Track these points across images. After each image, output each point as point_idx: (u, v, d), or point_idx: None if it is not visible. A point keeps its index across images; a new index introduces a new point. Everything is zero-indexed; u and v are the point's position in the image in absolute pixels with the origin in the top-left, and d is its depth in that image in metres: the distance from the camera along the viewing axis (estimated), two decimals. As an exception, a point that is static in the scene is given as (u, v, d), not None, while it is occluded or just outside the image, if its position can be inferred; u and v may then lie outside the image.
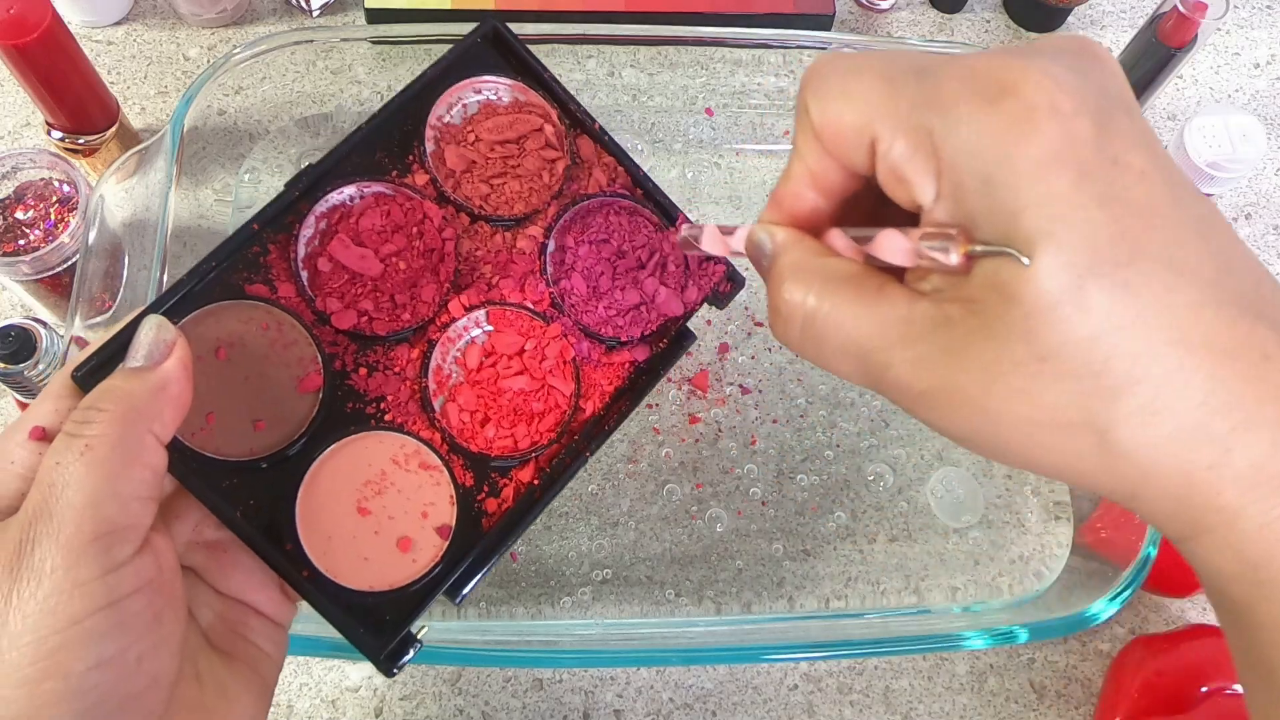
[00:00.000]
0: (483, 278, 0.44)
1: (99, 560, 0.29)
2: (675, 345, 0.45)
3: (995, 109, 0.24)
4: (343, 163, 0.42)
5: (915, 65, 0.26)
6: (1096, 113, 0.24)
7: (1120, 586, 0.50)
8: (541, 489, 0.42)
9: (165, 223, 0.54)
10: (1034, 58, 0.24)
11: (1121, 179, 0.23)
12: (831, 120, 0.28)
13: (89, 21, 0.71)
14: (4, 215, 0.57)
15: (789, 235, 0.30)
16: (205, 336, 0.38)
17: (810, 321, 0.28)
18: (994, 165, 0.23)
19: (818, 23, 0.72)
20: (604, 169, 0.46)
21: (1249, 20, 0.80)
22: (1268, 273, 0.25)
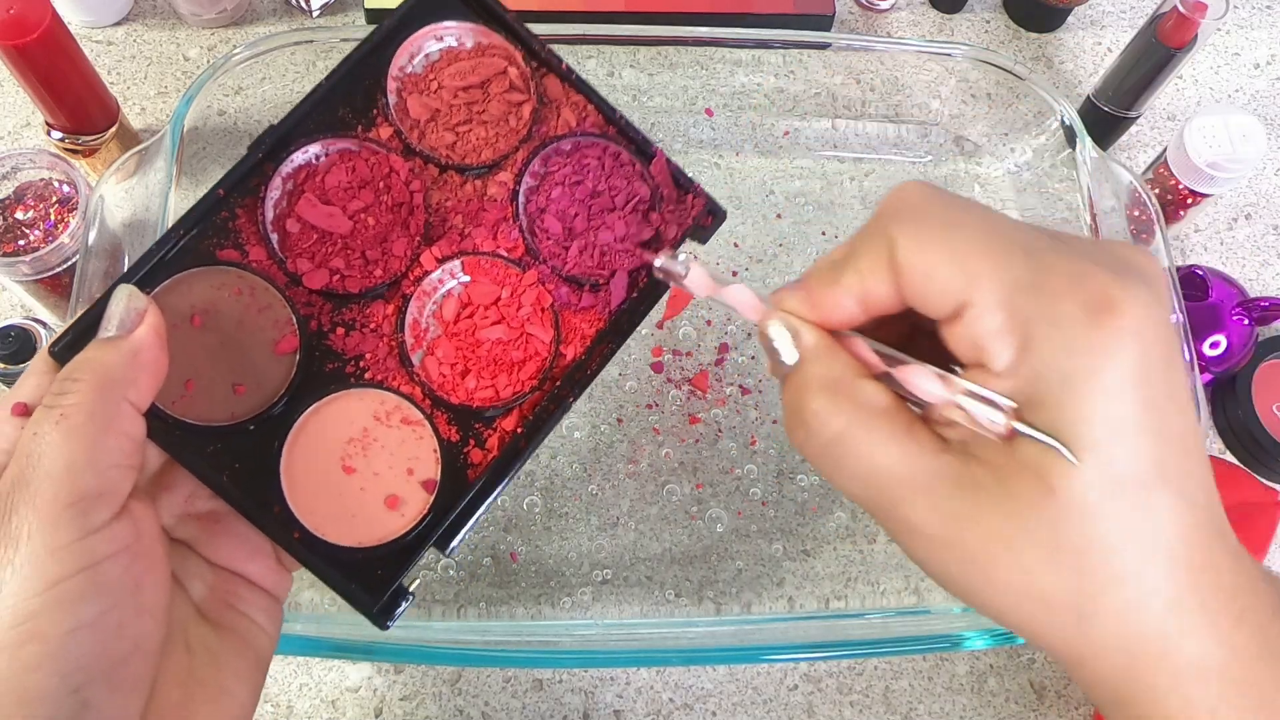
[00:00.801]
0: (454, 228, 0.43)
1: (75, 524, 0.29)
2: (655, 284, 0.44)
3: (1097, 323, 0.26)
4: (305, 121, 0.41)
5: (1022, 240, 0.27)
6: (1168, 345, 0.26)
7: (1120, 587, 0.50)
8: (526, 437, 0.41)
9: (165, 223, 0.54)
10: (1135, 278, 0.26)
11: (1170, 412, 0.26)
12: (922, 270, 0.28)
13: (89, 21, 0.71)
14: (4, 215, 0.57)
15: (820, 343, 0.30)
16: (179, 304, 0.38)
17: (836, 443, 0.29)
18: (1079, 371, 0.26)
19: (818, 23, 0.72)
20: (573, 108, 0.45)
21: (1249, 20, 0.80)
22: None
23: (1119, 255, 0.28)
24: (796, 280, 0.32)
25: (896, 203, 0.29)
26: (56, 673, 0.28)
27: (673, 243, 0.44)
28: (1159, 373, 0.26)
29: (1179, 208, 0.66)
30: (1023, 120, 0.67)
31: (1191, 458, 0.27)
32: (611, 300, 0.44)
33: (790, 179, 0.68)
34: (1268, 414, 0.64)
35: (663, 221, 0.44)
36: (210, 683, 0.34)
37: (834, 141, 0.69)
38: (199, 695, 0.33)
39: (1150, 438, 0.26)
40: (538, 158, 0.44)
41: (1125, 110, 0.69)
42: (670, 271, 0.36)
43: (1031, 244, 0.27)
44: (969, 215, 0.28)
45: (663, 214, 0.44)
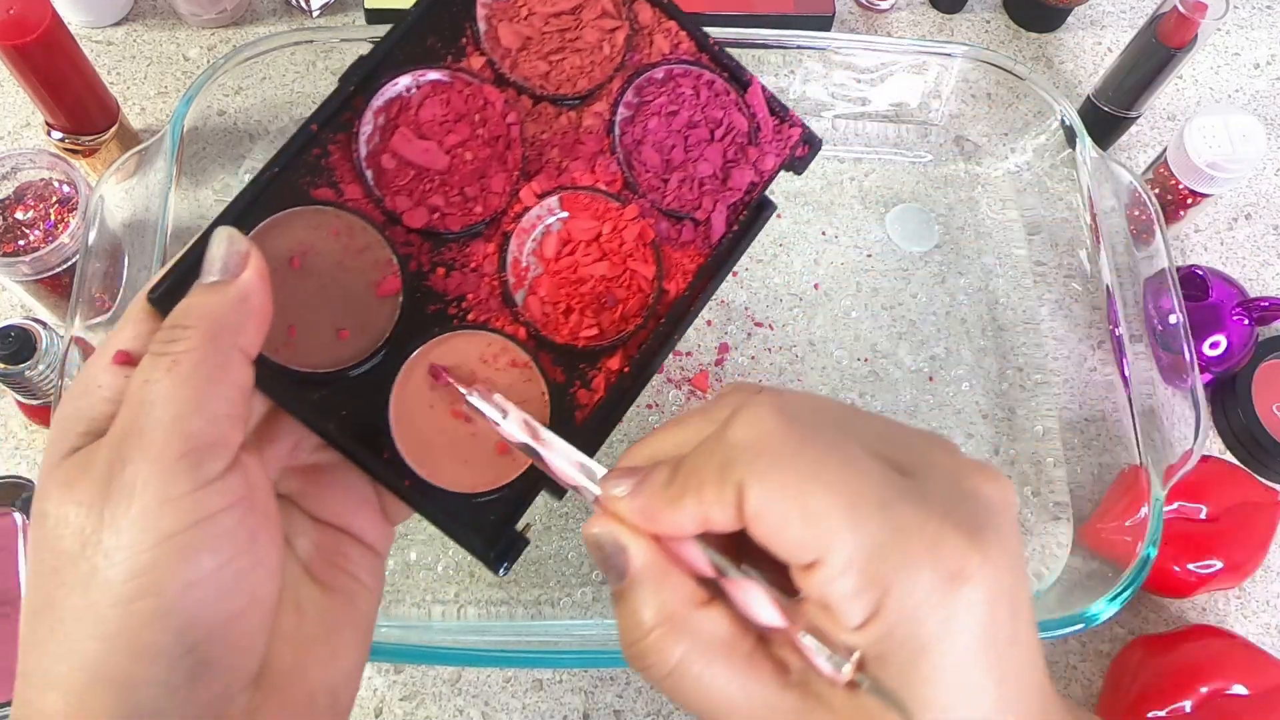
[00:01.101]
0: (551, 162, 0.42)
1: (189, 476, 0.28)
2: (755, 216, 0.43)
3: (950, 593, 0.26)
4: (393, 52, 0.40)
5: (877, 492, 0.27)
6: (1015, 600, 0.27)
7: (1120, 587, 0.50)
8: (632, 376, 0.40)
9: (165, 223, 0.54)
10: (990, 534, 0.27)
11: (1013, 655, 0.27)
12: (773, 524, 0.27)
13: (89, 21, 0.71)
14: (4, 215, 0.57)
15: (653, 566, 0.30)
16: (277, 247, 0.37)
17: (674, 676, 0.29)
18: (929, 637, 0.26)
19: (818, 23, 0.72)
20: (665, 34, 0.44)
21: (1249, 20, 0.80)
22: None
23: (975, 495, 0.28)
24: (634, 478, 0.31)
25: (749, 438, 0.28)
26: (172, 629, 0.28)
27: (770, 175, 0.44)
28: (1005, 628, 0.27)
29: (1179, 208, 0.66)
30: (1023, 120, 0.67)
31: (1026, 689, 0.28)
32: (711, 234, 0.43)
33: (790, 179, 0.68)
34: (1268, 414, 0.64)
35: (760, 153, 0.43)
36: (320, 644, 0.33)
37: (834, 141, 0.69)
38: (309, 658, 0.32)
39: (994, 687, 0.27)
40: (632, 87, 0.43)
41: (1125, 110, 0.69)
42: (480, 410, 0.35)
43: (887, 496, 0.27)
44: (826, 462, 0.27)
45: (760, 145, 0.43)
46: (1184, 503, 0.58)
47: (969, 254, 0.67)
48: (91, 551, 0.28)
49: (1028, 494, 0.60)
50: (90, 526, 0.28)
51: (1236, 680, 0.52)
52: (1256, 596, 0.61)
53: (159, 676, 0.28)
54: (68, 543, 0.28)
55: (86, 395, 0.31)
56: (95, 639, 0.27)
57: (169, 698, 0.28)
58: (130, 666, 0.28)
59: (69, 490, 0.29)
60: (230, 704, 0.29)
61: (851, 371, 0.62)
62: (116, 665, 0.27)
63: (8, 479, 0.57)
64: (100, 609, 0.27)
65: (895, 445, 0.29)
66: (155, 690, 0.28)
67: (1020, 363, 0.64)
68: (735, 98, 0.44)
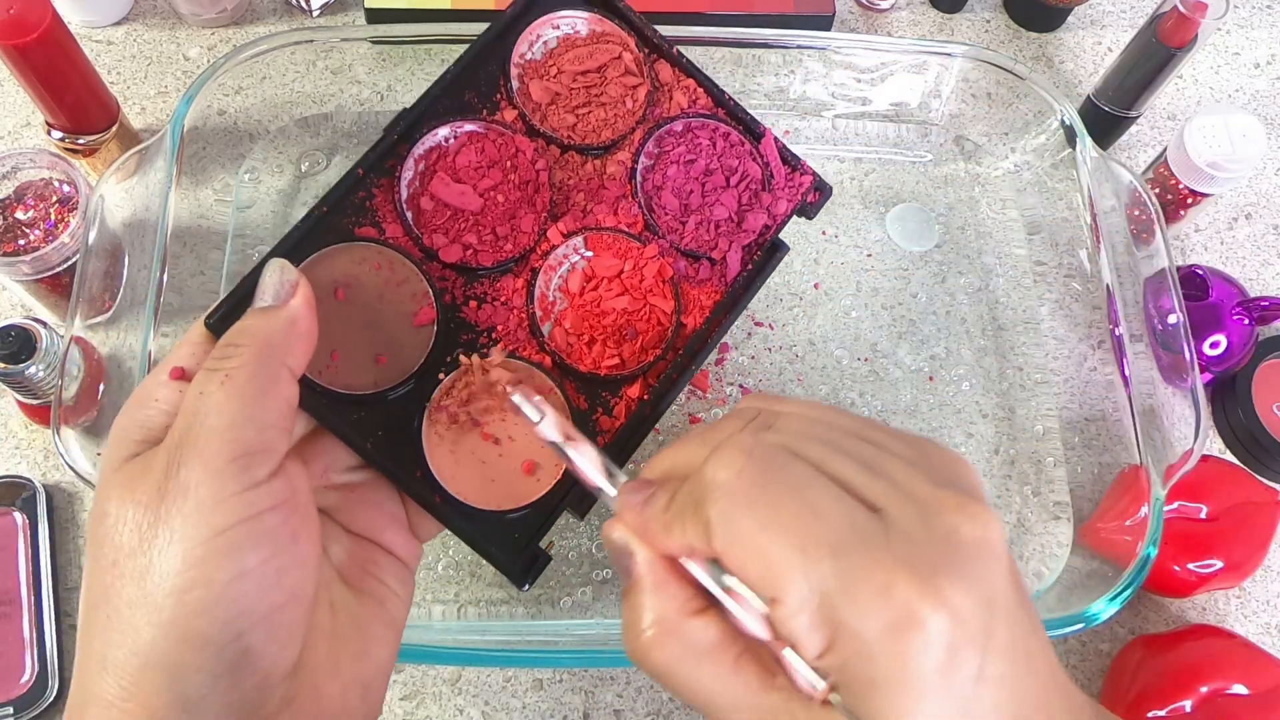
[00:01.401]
0: (577, 205, 0.45)
1: (239, 478, 0.31)
2: (769, 256, 0.47)
3: (900, 638, 0.27)
4: (434, 105, 0.43)
5: (833, 537, 0.28)
6: (981, 637, 0.28)
7: (1120, 586, 0.50)
8: (651, 404, 0.43)
9: (165, 223, 0.54)
10: (944, 583, 0.27)
11: (981, 693, 0.28)
12: (734, 562, 0.30)
13: (89, 21, 0.71)
14: (4, 215, 0.57)
15: (653, 571, 0.33)
16: (323, 279, 0.40)
17: (667, 674, 0.32)
18: (883, 675, 0.27)
19: (818, 23, 0.72)
20: (684, 91, 0.47)
21: (1249, 20, 0.80)
22: (1080, 703, 0.31)
23: (947, 536, 0.29)
24: (646, 492, 0.34)
25: (718, 480, 0.30)
26: (220, 618, 0.30)
27: (783, 219, 0.47)
28: (968, 669, 0.27)
29: (1179, 207, 0.66)
30: (1023, 120, 0.67)
31: (1005, 710, 0.28)
32: (728, 273, 0.46)
33: (790, 179, 0.68)
34: (1268, 414, 0.64)
35: (773, 199, 0.47)
36: (353, 642, 0.35)
37: (834, 141, 0.69)
38: (343, 654, 0.35)
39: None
40: (652, 138, 0.46)
41: (1125, 110, 0.69)
42: (521, 410, 0.37)
43: (843, 540, 0.28)
44: (784, 506, 0.29)
45: (773, 191, 0.47)
46: (1184, 502, 0.58)
47: (969, 254, 0.67)
48: (148, 545, 0.30)
49: (1028, 494, 0.60)
50: (148, 522, 0.30)
51: (1236, 680, 0.52)
52: (1256, 596, 0.61)
53: (206, 663, 0.30)
54: (126, 538, 0.30)
55: (144, 407, 0.34)
56: (150, 626, 0.30)
57: (213, 684, 0.30)
58: (181, 653, 0.30)
59: (129, 491, 0.31)
60: (268, 694, 0.31)
61: (851, 371, 0.62)
62: (168, 651, 0.30)
63: (8, 479, 0.57)
64: (155, 598, 0.30)
65: (875, 477, 0.30)
66: (202, 677, 0.30)
67: (1020, 363, 0.64)
68: (749, 148, 0.47)
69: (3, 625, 0.53)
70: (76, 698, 0.31)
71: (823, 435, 0.32)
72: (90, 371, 0.53)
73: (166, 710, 0.30)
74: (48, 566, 0.54)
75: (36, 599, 0.54)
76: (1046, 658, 0.30)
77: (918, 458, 0.31)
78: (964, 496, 0.30)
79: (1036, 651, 0.29)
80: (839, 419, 0.33)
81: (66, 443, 0.49)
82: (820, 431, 0.32)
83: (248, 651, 0.31)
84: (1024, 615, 0.29)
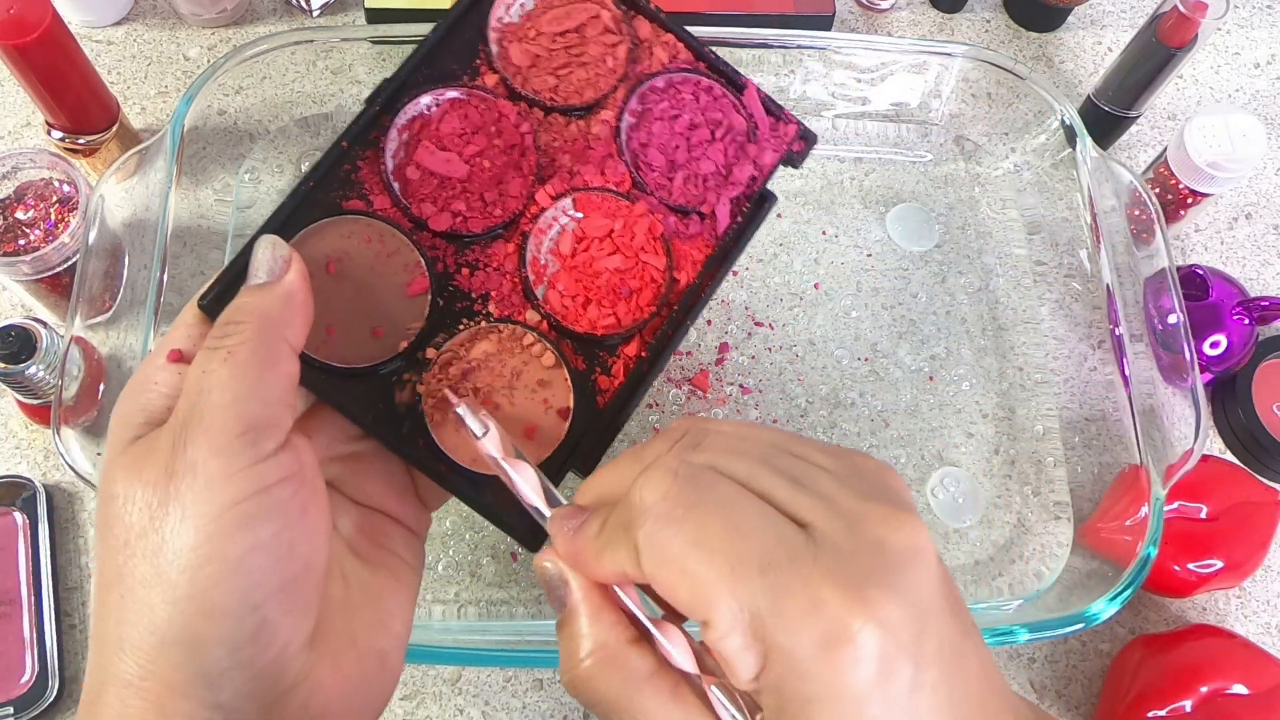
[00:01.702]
0: (564, 167, 0.45)
1: (246, 452, 0.31)
2: (758, 208, 0.46)
3: (832, 653, 0.27)
4: (415, 74, 0.43)
5: (760, 554, 0.28)
6: (913, 645, 0.28)
7: (1120, 586, 0.50)
8: (650, 361, 0.43)
9: (165, 223, 0.54)
10: (873, 594, 0.27)
11: (917, 700, 0.28)
12: (663, 585, 0.30)
13: (89, 21, 0.71)
14: (4, 215, 0.57)
15: (588, 598, 0.32)
16: (314, 254, 0.40)
17: (608, 702, 0.31)
18: (818, 692, 0.27)
19: (818, 23, 0.72)
20: (664, 46, 0.47)
21: (1249, 20, 0.80)
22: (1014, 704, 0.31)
23: (876, 547, 0.29)
24: (578, 519, 0.33)
25: (645, 502, 0.30)
26: (236, 590, 0.30)
27: (770, 169, 0.46)
28: (903, 679, 0.27)
29: (1179, 207, 0.66)
30: (1023, 120, 0.67)
31: (941, 715, 0.28)
32: (718, 226, 0.46)
33: (790, 179, 0.68)
34: (1268, 414, 0.64)
35: (759, 150, 0.46)
36: (368, 612, 0.36)
37: (834, 141, 0.69)
38: (358, 624, 0.35)
39: None
40: (635, 95, 0.46)
41: (1125, 110, 0.69)
42: (465, 422, 0.37)
43: (771, 558, 0.28)
44: (710, 527, 0.29)
45: (759, 142, 0.46)
46: (1184, 502, 0.58)
47: (969, 254, 0.67)
48: (159, 524, 0.30)
49: (1028, 494, 0.60)
50: (157, 501, 0.30)
51: (1236, 680, 0.52)
52: (1256, 596, 0.61)
53: (225, 635, 0.30)
54: (136, 518, 0.30)
55: (145, 391, 0.34)
56: (165, 603, 0.30)
57: (233, 656, 0.30)
58: (199, 626, 0.30)
59: (136, 472, 0.31)
60: (287, 666, 0.32)
61: (851, 371, 0.62)
62: (185, 625, 0.30)
63: (8, 479, 0.57)
64: (169, 575, 0.30)
65: (802, 492, 0.30)
66: (221, 650, 0.30)
67: (1020, 363, 0.64)
68: (732, 100, 0.47)
69: (3, 625, 0.53)
70: (94, 681, 0.31)
71: (749, 452, 0.32)
72: (90, 371, 0.53)
73: (187, 685, 0.30)
74: (48, 566, 0.54)
75: (36, 599, 0.54)
76: (980, 659, 0.30)
77: (846, 471, 0.31)
78: (890, 506, 0.30)
79: (970, 653, 0.29)
80: (765, 435, 0.33)
81: (66, 443, 0.49)
82: (746, 448, 0.32)
83: (265, 623, 0.31)
84: (955, 621, 0.29)
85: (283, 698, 0.32)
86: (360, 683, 0.34)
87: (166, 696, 0.30)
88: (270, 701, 0.31)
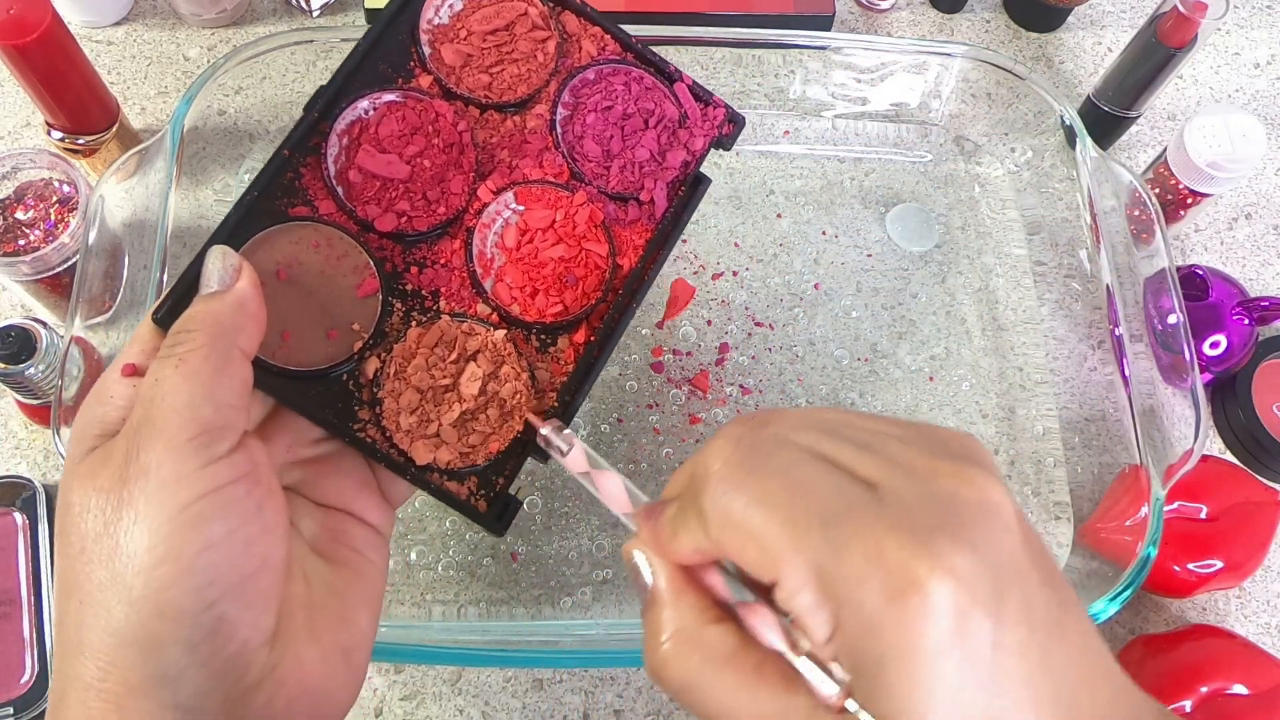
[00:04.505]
0: (502, 162, 0.46)
1: (199, 455, 0.31)
2: (692, 190, 0.48)
3: (900, 604, 0.26)
4: (350, 80, 0.44)
5: (821, 508, 0.27)
6: (991, 601, 0.26)
7: (1120, 586, 0.50)
8: (599, 345, 0.44)
9: (165, 223, 0.54)
10: (942, 545, 0.26)
11: (1002, 661, 0.26)
12: (731, 548, 0.29)
13: (89, 21, 0.71)
14: (4, 215, 0.57)
15: (669, 585, 0.32)
16: (263, 262, 0.40)
17: (688, 689, 0.30)
18: (890, 648, 0.26)
19: (818, 23, 0.72)
20: (591, 39, 0.48)
21: (1249, 20, 0.80)
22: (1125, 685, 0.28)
23: (945, 498, 0.27)
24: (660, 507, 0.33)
25: (708, 469, 0.30)
26: (191, 589, 0.30)
27: (701, 153, 0.48)
28: (981, 633, 0.26)
29: (1179, 207, 0.66)
30: (1023, 120, 0.67)
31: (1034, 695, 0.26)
32: (656, 211, 0.47)
33: (790, 179, 0.68)
34: (1268, 414, 0.64)
35: (690, 135, 0.48)
36: (331, 609, 0.36)
37: (834, 141, 0.69)
38: (321, 621, 0.35)
39: (977, 693, 0.25)
40: (567, 88, 0.47)
41: (1125, 110, 0.69)
42: (551, 444, 0.39)
43: (833, 511, 0.27)
44: (771, 485, 0.29)
45: (689, 128, 0.48)
46: (1184, 502, 0.58)
47: (969, 254, 0.67)
48: (114, 529, 0.31)
49: (1028, 494, 0.60)
50: (111, 506, 0.31)
51: (1236, 680, 0.52)
52: (1256, 596, 0.61)
53: (182, 634, 0.30)
54: (91, 524, 0.31)
55: (101, 404, 0.34)
56: (121, 605, 0.30)
57: (191, 655, 0.31)
58: (155, 626, 0.30)
59: (91, 480, 0.32)
60: (248, 662, 0.32)
61: (852, 371, 0.62)
62: (142, 626, 0.30)
63: (8, 479, 0.57)
64: (125, 578, 0.30)
65: (869, 454, 0.29)
66: (179, 649, 0.30)
67: (1020, 363, 0.64)
68: (662, 89, 0.48)
69: (3, 625, 0.53)
70: (57, 685, 0.31)
71: (815, 425, 0.31)
72: (90, 371, 0.53)
73: (145, 685, 0.30)
74: (48, 566, 0.54)
75: (36, 599, 0.54)
76: (1085, 638, 0.28)
77: (917, 435, 0.30)
78: (963, 462, 0.29)
79: (1071, 628, 0.27)
80: (833, 412, 0.32)
81: (66, 443, 0.49)
82: (813, 421, 0.31)
83: (222, 619, 0.31)
84: (1047, 589, 0.27)
85: (245, 695, 0.32)
86: (325, 680, 0.35)
87: (126, 697, 0.30)
88: (233, 699, 0.32)
